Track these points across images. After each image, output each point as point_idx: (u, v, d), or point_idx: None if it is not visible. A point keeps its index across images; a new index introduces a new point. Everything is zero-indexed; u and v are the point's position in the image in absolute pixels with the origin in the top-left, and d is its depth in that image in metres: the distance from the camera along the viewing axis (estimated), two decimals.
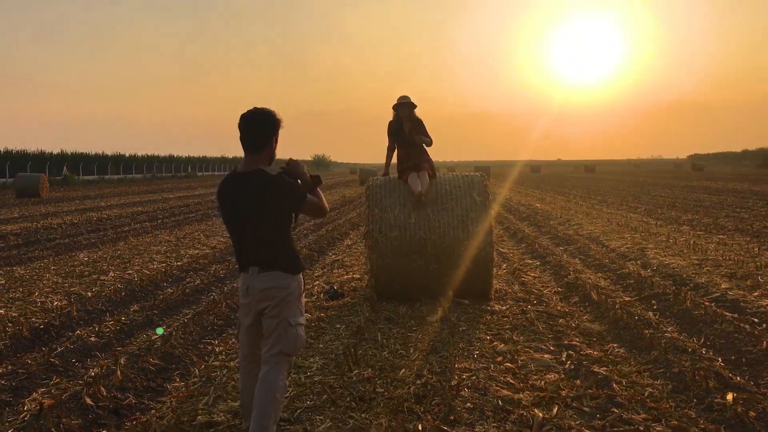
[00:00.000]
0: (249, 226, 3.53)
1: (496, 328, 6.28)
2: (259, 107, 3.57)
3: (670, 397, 4.45)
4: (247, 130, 3.52)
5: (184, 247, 12.25)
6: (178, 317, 6.98)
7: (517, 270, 9.34)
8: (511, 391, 4.55)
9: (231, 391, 4.64)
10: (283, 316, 3.52)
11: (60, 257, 11.14)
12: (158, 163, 73.84)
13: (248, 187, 3.50)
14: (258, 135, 3.52)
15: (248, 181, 3.51)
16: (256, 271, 3.52)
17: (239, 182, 3.55)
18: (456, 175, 7.86)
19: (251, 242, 3.55)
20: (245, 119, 3.52)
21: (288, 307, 3.53)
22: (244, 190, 3.51)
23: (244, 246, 3.58)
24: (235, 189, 3.56)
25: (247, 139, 3.53)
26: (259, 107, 3.57)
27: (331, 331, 6.30)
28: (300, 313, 3.61)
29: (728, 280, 7.99)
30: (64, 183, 46.92)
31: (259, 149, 3.53)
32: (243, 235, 3.56)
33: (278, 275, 3.52)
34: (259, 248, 3.54)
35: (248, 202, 3.49)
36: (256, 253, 3.54)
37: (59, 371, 5.12)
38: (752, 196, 24.81)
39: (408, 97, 7.81)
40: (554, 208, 20.30)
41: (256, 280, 3.52)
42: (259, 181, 3.49)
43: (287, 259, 3.57)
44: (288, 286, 3.52)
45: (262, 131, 3.52)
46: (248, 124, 3.52)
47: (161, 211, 21.48)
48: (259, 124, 3.52)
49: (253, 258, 3.54)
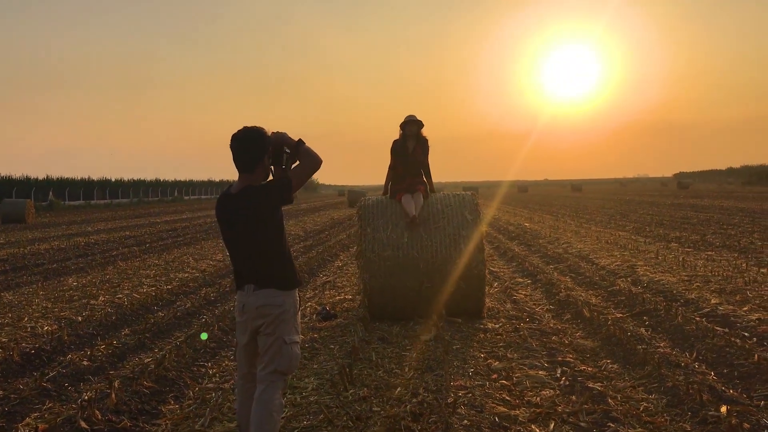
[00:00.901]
0: (243, 244, 3.54)
1: (489, 346, 6.29)
2: (250, 126, 3.54)
3: (665, 411, 4.48)
4: (238, 151, 3.50)
5: (174, 271, 12.20)
6: (170, 340, 6.94)
7: (509, 288, 9.37)
8: (507, 407, 4.56)
9: (227, 412, 4.62)
10: (278, 334, 3.51)
11: (48, 282, 11.06)
12: (145, 187, 73.58)
13: (239, 206, 3.51)
14: (249, 155, 3.50)
15: (239, 201, 3.51)
16: (252, 288, 3.52)
17: (231, 202, 3.56)
18: (447, 194, 7.91)
19: (247, 260, 3.55)
20: (235, 139, 3.51)
21: (283, 324, 3.52)
22: (236, 210, 3.52)
23: (241, 264, 3.59)
24: (227, 208, 3.57)
25: (238, 160, 3.51)
26: (249, 126, 3.54)
27: (325, 351, 6.29)
28: (295, 331, 3.60)
29: (718, 296, 8.06)
30: (50, 208, 46.62)
31: (251, 169, 3.51)
32: (238, 253, 3.58)
33: (273, 293, 3.51)
34: (254, 266, 3.54)
35: (240, 221, 3.50)
36: (252, 271, 3.55)
37: (52, 396, 5.08)
38: (738, 212, 25.05)
39: (415, 116, 7.83)
40: (543, 227, 20.40)
41: (252, 298, 3.52)
42: (248, 197, 3.49)
43: (282, 275, 3.56)
44: (282, 303, 3.51)
45: (253, 151, 3.49)
46: (238, 144, 3.50)
47: (149, 235, 21.38)
48: (249, 144, 3.50)
49: (249, 276, 3.55)
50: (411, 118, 7.80)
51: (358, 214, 7.76)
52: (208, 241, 18.94)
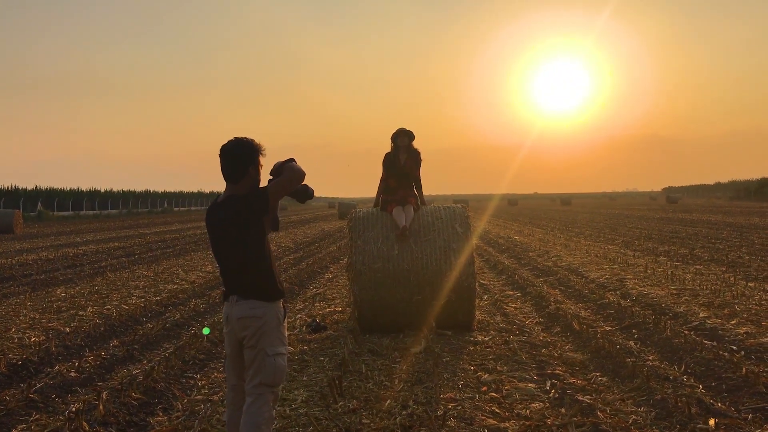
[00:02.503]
0: (227, 253, 3.58)
1: (479, 359, 6.30)
2: (239, 137, 3.59)
3: (654, 423, 4.50)
4: (225, 161, 3.55)
5: (163, 282, 12.14)
6: (158, 352, 6.91)
7: (499, 301, 9.39)
8: (497, 420, 4.56)
9: (216, 424, 4.60)
10: (261, 347, 3.51)
11: (36, 293, 10.99)
12: (134, 198, 73.29)
13: (223, 215, 3.55)
14: (234, 166, 3.54)
15: (222, 209, 3.56)
16: (235, 299, 3.54)
17: (216, 211, 3.60)
18: (437, 207, 7.93)
19: (230, 269, 3.59)
20: (223, 150, 3.56)
21: (264, 336, 3.51)
22: (220, 219, 3.56)
23: (226, 273, 3.62)
24: (213, 218, 3.61)
25: (224, 170, 3.56)
26: (238, 137, 3.59)
27: (314, 363, 6.27)
28: (280, 342, 3.58)
29: (706, 309, 8.10)
30: (38, 219, 46.34)
31: (236, 180, 3.55)
32: (223, 262, 3.62)
33: (253, 304, 3.52)
34: (237, 275, 3.57)
35: (223, 230, 3.54)
36: (236, 281, 3.57)
37: (39, 407, 5.04)
38: (726, 227, 25.22)
39: (405, 128, 7.85)
40: (533, 240, 20.47)
41: (234, 309, 3.54)
42: (230, 205, 3.53)
43: (263, 285, 3.56)
44: (262, 315, 3.50)
45: (239, 162, 3.54)
46: (225, 155, 3.55)
47: (138, 247, 21.28)
48: (235, 155, 3.54)
49: (234, 286, 3.58)
50: (402, 130, 7.84)
51: (349, 226, 7.76)
52: (197, 252, 18.87)
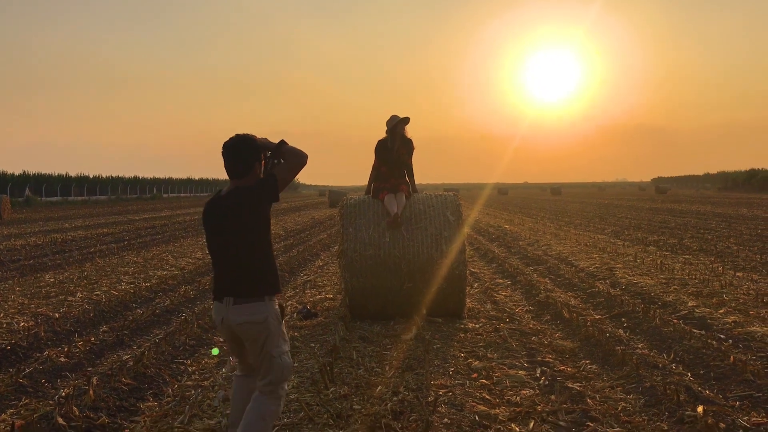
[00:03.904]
0: (230, 244, 3.50)
1: (470, 346, 6.32)
2: (241, 134, 3.58)
3: (643, 410, 4.53)
4: (229, 158, 3.54)
5: (152, 269, 12.09)
6: (149, 337, 6.89)
7: (489, 289, 9.42)
8: (487, 406, 4.58)
9: (206, 409, 4.60)
10: (266, 350, 3.50)
11: (25, 279, 10.92)
12: (123, 184, 72.91)
13: (228, 205, 3.51)
14: (239, 162, 3.53)
15: (228, 200, 3.52)
16: (231, 301, 3.46)
17: (220, 203, 3.56)
18: (429, 195, 7.92)
19: (231, 262, 3.51)
20: (226, 147, 3.54)
21: (268, 339, 3.49)
22: (225, 209, 3.51)
23: (224, 268, 3.55)
24: (215, 211, 3.56)
25: (229, 167, 3.55)
26: (240, 134, 3.58)
27: (305, 350, 6.28)
28: (283, 340, 3.57)
29: (695, 299, 8.16)
30: (26, 204, 46.02)
31: (241, 176, 3.54)
32: (223, 255, 3.55)
33: (252, 308, 3.45)
34: (238, 268, 3.49)
35: (229, 219, 3.49)
36: (234, 276, 3.50)
37: (29, 392, 5.02)
38: (715, 217, 25.38)
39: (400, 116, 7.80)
40: (523, 230, 20.52)
41: (231, 313, 3.47)
42: (237, 196, 3.50)
43: (266, 278, 3.52)
44: (264, 320, 3.46)
45: (244, 158, 3.53)
46: (229, 152, 3.53)
47: (127, 233, 21.17)
48: (240, 152, 3.53)
49: (230, 284, 3.50)
50: (399, 117, 7.76)
51: (340, 214, 7.75)
52: (187, 238, 18.80)
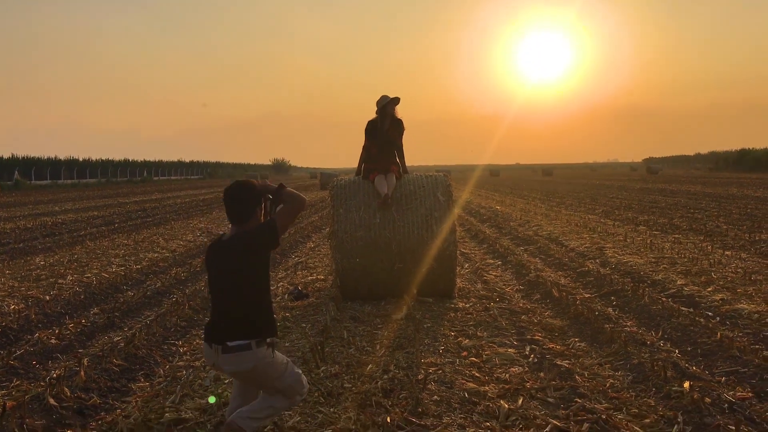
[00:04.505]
0: (230, 288, 3.55)
1: (460, 325, 6.36)
2: (241, 180, 3.68)
3: (631, 387, 4.59)
4: (230, 205, 3.61)
5: (143, 251, 12.07)
6: (140, 319, 6.90)
7: (480, 269, 9.46)
8: (476, 384, 4.62)
9: (198, 389, 4.62)
10: (267, 385, 3.61)
11: (15, 261, 10.88)
12: (113, 167, 72.51)
13: (230, 249, 3.57)
14: (241, 208, 3.60)
15: (230, 244, 3.58)
16: (219, 350, 3.49)
17: (222, 247, 3.62)
18: (420, 176, 7.92)
19: (229, 305, 3.55)
20: (227, 194, 3.61)
21: (264, 380, 3.58)
22: (225, 256, 3.58)
23: (218, 311, 3.61)
24: (216, 255, 3.63)
25: (231, 213, 3.61)
26: (240, 180, 3.68)
27: (296, 330, 6.30)
28: (282, 369, 3.61)
29: (684, 277, 8.22)
30: (15, 188, 45.74)
31: (243, 222, 3.61)
32: (221, 298, 3.60)
33: (240, 357, 3.46)
34: (230, 314, 3.53)
35: (227, 266, 3.56)
36: (226, 322, 3.53)
37: (20, 374, 5.02)
38: (705, 197, 25.50)
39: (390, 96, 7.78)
40: (514, 210, 20.57)
41: (221, 361, 3.51)
42: (238, 240, 3.57)
43: (254, 328, 3.53)
44: (252, 368, 3.49)
45: (245, 205, 3.60)
46: (230, 198, 3.60)
47: (118, 216, 21.09)
48: (242, 199, 3.61)
49: (220, 331, 3.52)
50: (389, 98, 7.75)
51: (331, 195, 7.75)
52: (178, 221, 18.77)
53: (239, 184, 3.63)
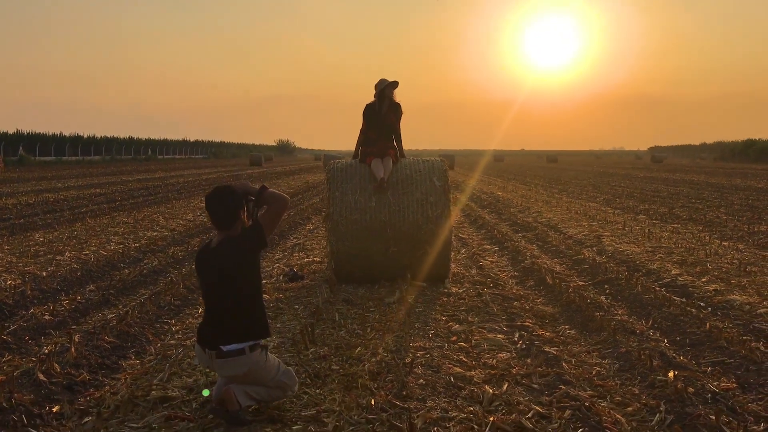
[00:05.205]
0: (222, 293, 3.64)
1: (451, 310, 6.38)
2: (220, 186, 3.71)
3: (616, 375, 4.61)
4: (212, 211, 3.64)
5: (143, 229, 12.12)
6: (134, 297, 6.94)
7: (476, 255, 9.47)
8: (463, 368, 4.65)
9: (186, 368, 4.66)
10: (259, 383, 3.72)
11: (14, 237, 10.94)
12: (117, 145, 72.56)
13: (219, 256, 3.63)
14: (223, 213, 3.64)
15: (218, 251, 3.64)
16: (213, 355, 3.61)
17: (211, 254, 3.68)
18: (416, 160, 7.91)
19: (221, 310, 3.64)
20: (209, 202, 3.65)
21: (258, 380, 3.69)
22: (215, 261, 3.63)
23: (211, 315, 3.69)
24: (206, 262, 3.69)
25: (214, 219, 3.67)
26: (219, 186, 3.71)
27: (289, 311, 6.34)
28: (275, 371, 3.75)
29: (679, 267, 8.23)
30: (19, 163, 45.85)
31: (227, 227, 3.65)
32: (214, 303, 3.68)
33: (234, 362, 3.60)
34: (223, 318, 3.62)
35: (220, 270, 3.62)
36: (220, 327, 3.62)
37: (12, 349, 5.07)
38: (708, 187, 25.44)
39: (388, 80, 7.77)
40: (515, 197, 20.55)
41: (215, 366, 3.66)
42: (227, 247, 3.62)
43: (248, 330, 3.64)
44: (247, 372, 3.62)
45: (227, 210, 3.63)
46: (212, 205, 3.64)
47: (120, 193, 21.16)
48: (224, 204, 3.63)
49: (215, 336, 3.62)
50: (388, 81, 7.75)
51: (327, 178, 7.75)
52: (179, 200, 18.81)
53: (219, 190, 3.66)
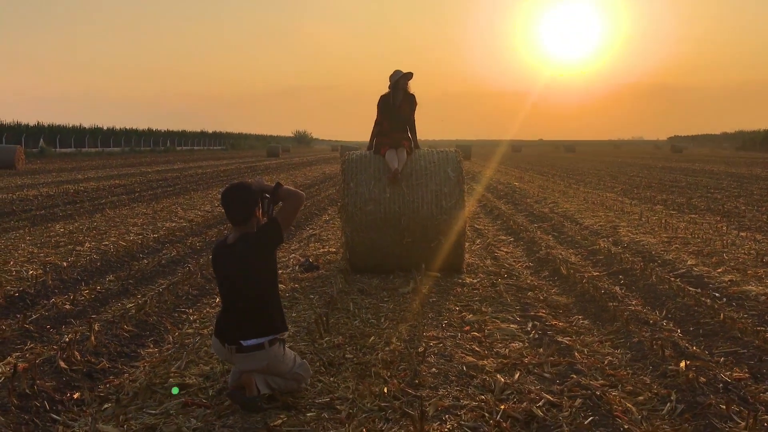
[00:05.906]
0: (239, 290, 3.72)
1: (465, 300, 6.42)
2: (235, 182, 3.77)
3: (628, 365, 4.63)
4: (231, 207, 3.70)
5: (161, 220, 12.26)
6: (153, 287, 7.05)
7: (491, 245, 9.49)
8: (475, 357, 4.70)
9: (203, 356, 4.74)
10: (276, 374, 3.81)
11: (36, 228, 11.11)
12: (137, 136, 73.15)
13: (236, 253, 3.69)
14: (240, 210, 3.69)
15: (235, 248, 3.70)
16: (233, 350, 3.70)
17: (228, 251, 3.74)
18: (431, 151, 7.95)
19: (239, 307, 3.72)
20: (225, 197, 3.71)
21: (275, 372, 3.79)
22: (233, 258, 3.70)
23: (230, 311, 3.77)
24: (222, 258, 3.76)
25: (231, 215, 3.72)
26: (235, 182, 3.77)
27: (304, 301, 6.41)
28: (292, 363, 3.85)
29: (695, 257, 8.20)
30: (40, 155, 46.38)
31: (243, 222, 3.72)
32: (231, 300, 3.76)
33: (253, 357, 3.69)
34: (242, 314, 3.71)
35: (234, 269, 3.70)
36: (238, 323, 3.71)
37: (34, 337, 5.19)
38: (727, 177, 25.20)
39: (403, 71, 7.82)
40: (532, 187, 20.50)
41: (235, 360, 3.74)
42: (244, 244, 3.68)
43: (268, 325, 3.73)
44: (265, 366, 3.73)
45: (243, 206, 3.69)
46: (228, 201, 3.70)
47: (139, 185, 21.38)
48: (241, 200, 3.69)
49: (234, 331, 3.71)
50: (402, 72, 7.79)
51: (342, 169, 7.81)
52: (197, 191, 18.97)
53: (235, 187, 3.73)
